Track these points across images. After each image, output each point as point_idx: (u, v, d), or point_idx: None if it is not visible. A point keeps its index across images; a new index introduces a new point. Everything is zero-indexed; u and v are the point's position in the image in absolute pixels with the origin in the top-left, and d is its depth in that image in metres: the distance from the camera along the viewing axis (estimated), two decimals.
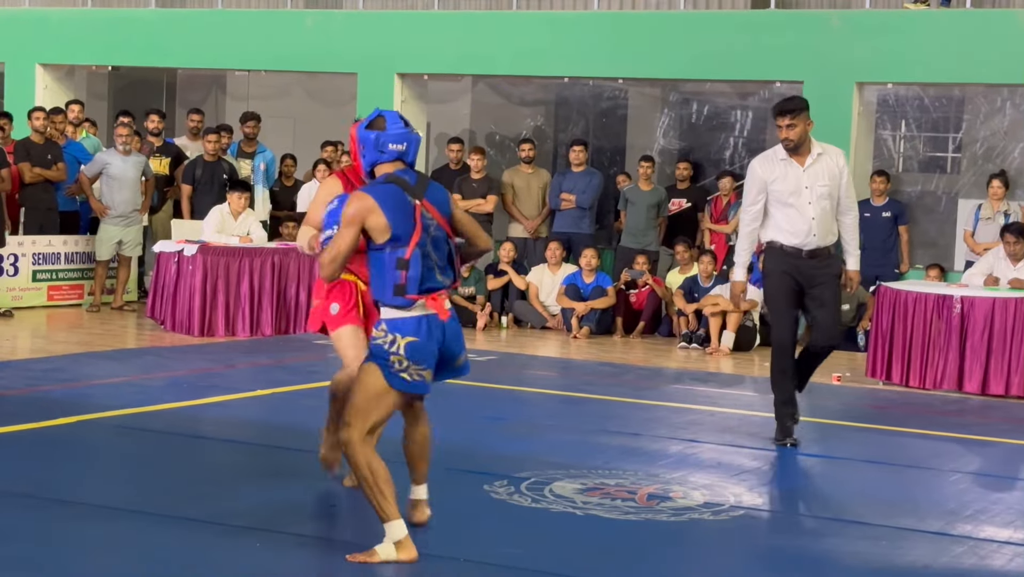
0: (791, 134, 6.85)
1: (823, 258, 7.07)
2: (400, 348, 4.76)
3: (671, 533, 5.39)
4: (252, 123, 13.20)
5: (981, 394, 9.44)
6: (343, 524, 5.36)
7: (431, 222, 4.83)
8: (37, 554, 4.76)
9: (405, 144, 4.92)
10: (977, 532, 5.61)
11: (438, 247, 4.86)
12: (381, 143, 4.90)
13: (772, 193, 7.00)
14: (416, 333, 4.77)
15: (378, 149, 4.90)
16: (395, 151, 4.91)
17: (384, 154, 4.91)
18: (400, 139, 4.91)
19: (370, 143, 4.91)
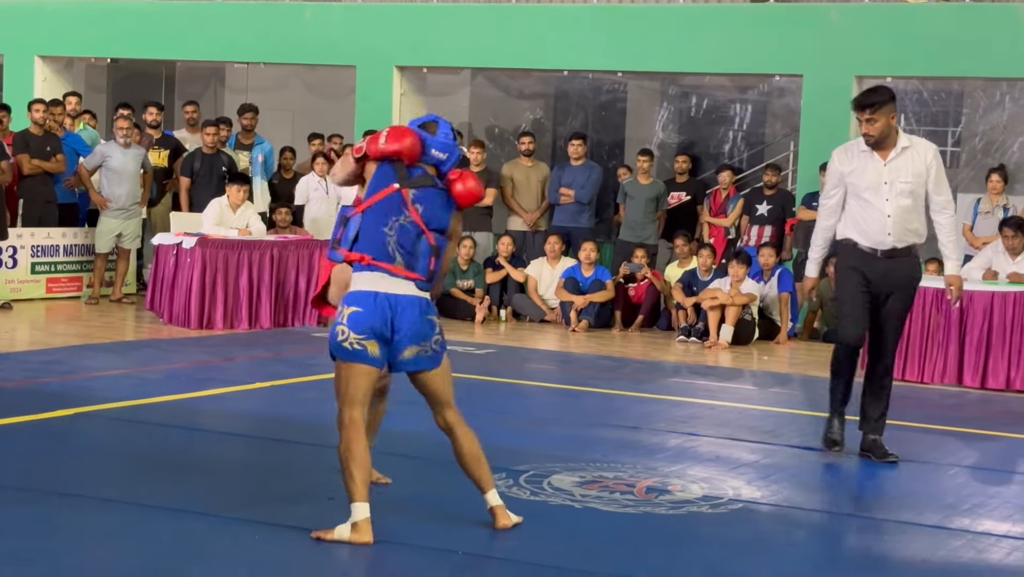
0: (871, 129, 6.36)
1: (901, 260, 6.55)
2: (344, 318, 4.88)
3: (669, 526, 5.39)
4: (250, 115, 13.20)
5: (980, 388, 9.47)
6: (341, 516, 5.33)
7: (403, 211, 4.93)
8: (34, 547, 4.75)
9: (447, 155, 5.03)
10: (975, 526, 5.61)
11: (404, 234, 4.93)
12: (426, 147, 5.00)
13: (849, 187, 6.55)
14: (360, 304, 4.88)
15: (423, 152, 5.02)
16: (436, 158, 5.02)
17: (425, 156, 5.01)
18: (445, 148, 5.03)
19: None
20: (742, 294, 11.34)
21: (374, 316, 4.88)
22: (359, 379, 4.93)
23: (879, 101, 6.36)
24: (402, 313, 4.91)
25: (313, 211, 12.84)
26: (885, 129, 6.38)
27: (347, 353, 4.89)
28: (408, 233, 4.95)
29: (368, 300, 4.89)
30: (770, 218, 12.47)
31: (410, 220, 4.94)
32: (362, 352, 4.89)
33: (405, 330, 4.92)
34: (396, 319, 4.91)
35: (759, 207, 12.54)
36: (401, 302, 4.91)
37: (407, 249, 4.94)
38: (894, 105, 6.44)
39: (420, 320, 4.95)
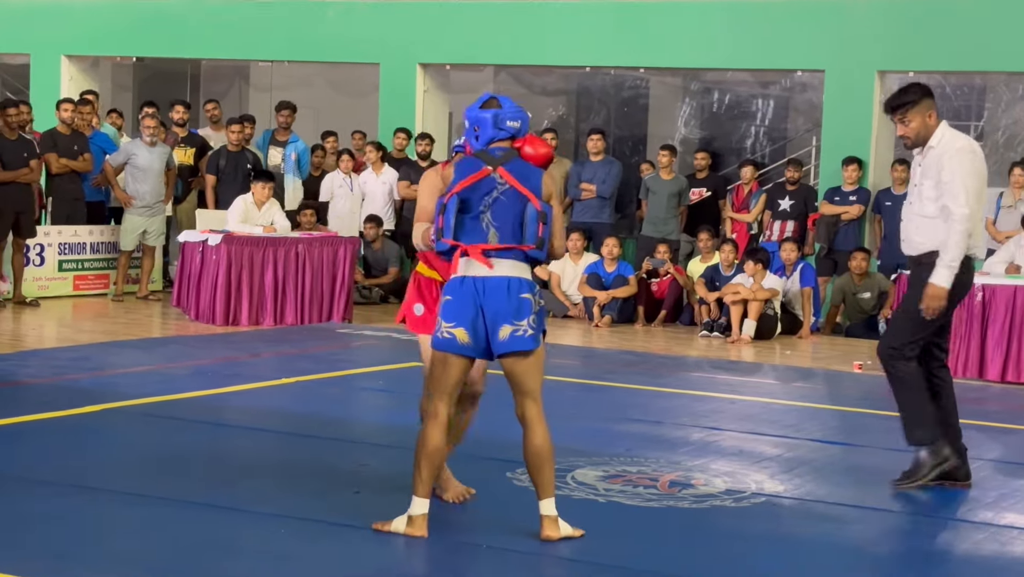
0: (906, 131, 5.93)
1: (915, 268, 6.08)
2: (440, 307, 4.94)
3: (693, 520, 5.41)
4: (287, 112, 13.25)
5: (1002, 381, 9.46)
6: (367, 511, 5.37)
7: (500, 185, 4.91)
8: (64, 541, 4.80)
9: (520, 121, 5.04)
10: (998, 519, 5.63)
11: (501, 209, 4.90)
12: (500, 120, 5.00)
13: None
14: (450, 292, 4.91)
15: (497, 127, 5.00)
16: (512, 128, 5.01)
17: (502, 131, 5.00)
18: (516, 116, 5.03)
19: (488, 122, 5.00)
20: (764, 289, 11.35)
21: (463, 301, 4.87)
22: (448, 368, 4.93)
23: (909, 101, 5.93)
24: (490, 293, 4.86)
25: (338, 208, 12.92)
26: (921, 129, 5.92)
27: (439, 342, 4.92)
28: (505, 208, 4.90)
29: (455, 286, 4.90)
30: (792, 213, 12.47)
31: (505, 188, 4.91)
32: (451, 340, 4.88)
33: (493, 310, 4.85)
34: (484, 301, 4.86)
35: (781, 202, 12.55)
36: (489, 283, 4.86)
37: (506, 222, 4.89)
38: (930, 101, 5.97)
39: (508, 298, 4.87)
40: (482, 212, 4.91)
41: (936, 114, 5.99)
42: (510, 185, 4.91)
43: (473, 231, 4.91)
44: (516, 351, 4.89)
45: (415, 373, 8.11)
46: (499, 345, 4.89)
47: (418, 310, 5.50)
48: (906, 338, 6.08)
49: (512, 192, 4.91)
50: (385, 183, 13.11)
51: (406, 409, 7.66)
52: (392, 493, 5.64)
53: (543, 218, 4.89)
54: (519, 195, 4.91)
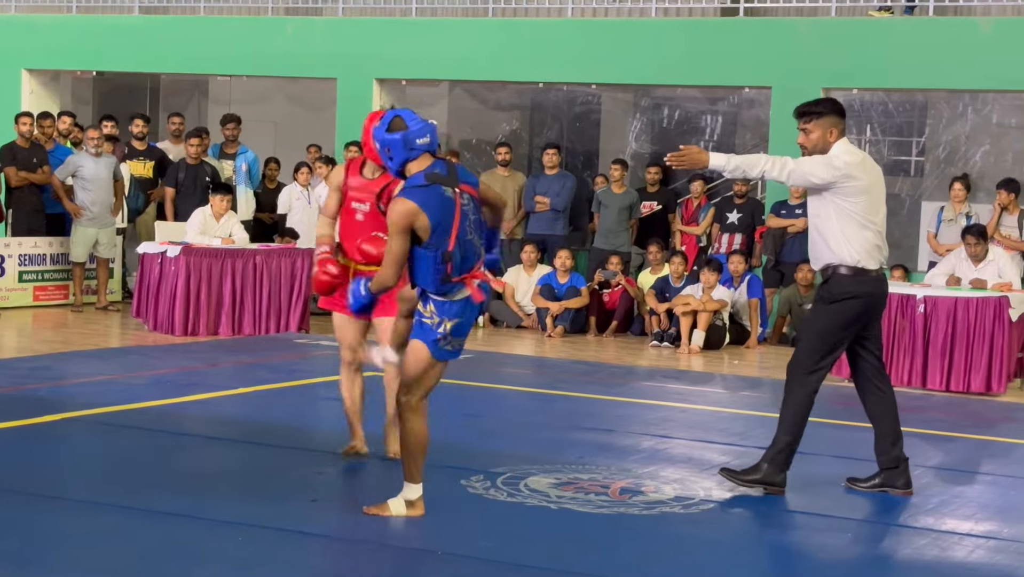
0: (805, 141, 5.91)
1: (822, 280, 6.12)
2: (447, 328, 5.24)
3: (643, 526, 5.47)
4: (232, 125, 13.38)
5: (943, 391, 9.60)
6: (323, 518, 5.42)
7: (469, 206, 5.22)
8: (21, 549, 4.80)
9: (428, 136, 5.17)
10: (939, 525, 5.71)
11: (478, 227, 5.29)
12: (409, 141, 5.15)
13: None
14: (460, 315, 5.27)
15: (408, 148, 5.15)
16: (423, 145, 5.16)
17: (414, 151, 5.17)
18: (423, 132, 5.17)
19: (398, 144, 5.15)
20: (713, 300, 11.53)
21: (468, 322, 5.34)
22: (438, 373, 5.36)
23: (816, 112, 5.92)
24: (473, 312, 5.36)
25: (295, 220, 13.02)
26: (819, 142, 5.89)
27: (447, 354, 5.31)
28: (478, 224, 5.30)
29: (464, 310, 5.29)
30: (740, 226, 12.65)
31: (472, 206, 5.25)
32: (458, 351, 5.36)
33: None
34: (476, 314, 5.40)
35: (729, 215, 12.73)
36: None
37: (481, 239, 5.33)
38: (837, 119, 5.94)
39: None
40: (471, 238, 5.24)
41: (839, 132, 5.94)
42: (472, 199, 5.25)
43: (470, 255, 5.26)
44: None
45: (372, 382, 8.24)
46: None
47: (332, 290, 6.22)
48: (817, 357, 6.09)
49: (475, 207, 5.28)
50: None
51: (363, 417, 7.80)
52: (348, 500, 5.77)
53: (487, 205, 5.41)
54: (477, 204, 5.31)
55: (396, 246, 5.12)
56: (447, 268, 5.15)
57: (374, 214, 6.23)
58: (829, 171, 5.89)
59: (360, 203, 6.31)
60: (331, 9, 14.68)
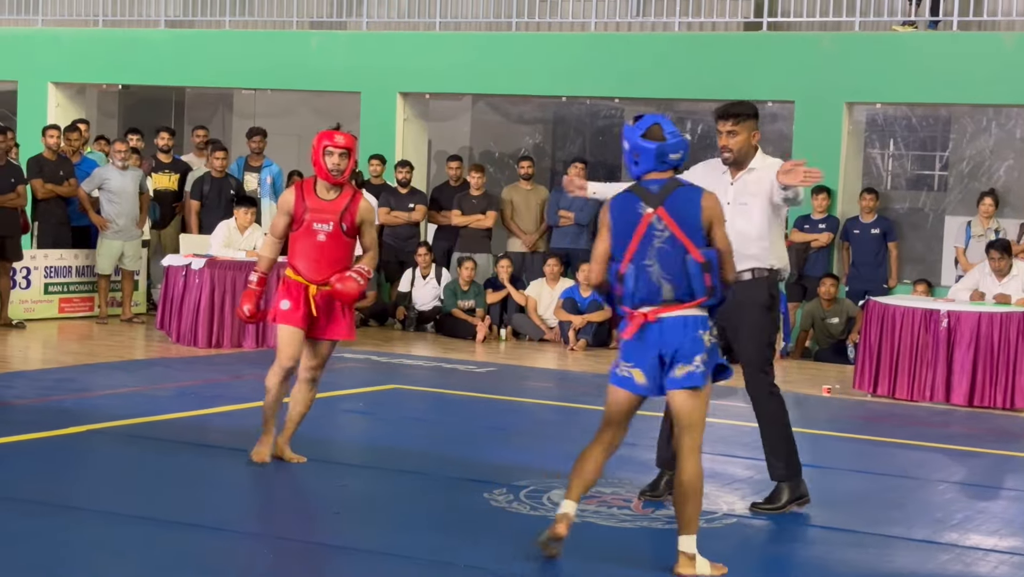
0: (731, 143, 5.82)
1: (742, 285, 5.85)
2: (620, 343, 5.03)
3: (665, 540, 5.43)
4: (258, 138, 13.47)
5: (967, 406, 9.57)
6: (347, 530, 5.45)
7: (660, 233, 4.85)
8: (45, 560, 4.84)
9: (681, 153, 4.94)
10: (963, 540, 5.70)
11: (665, 259, 4.85)
12: (663, 154, 4.91)
13: None
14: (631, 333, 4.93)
15: (660, 160, 4.92)
16: (674, 160, 4.94)
17: (664, 164, 4.93)
18: (678, 147, 4.92)
19: (651, 154, 4.90)
20: None
21: (642, 345, 4.90)
22: (618, 402, 5.05)
23: (744, 113, 5.86)
24: (667, 333, 4.86)
25: None
26: (744, 146, 5.86)
27: (614, 377, 5.01)
28: (669, 256, 4.84)
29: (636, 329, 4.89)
30: None
31: (666, 235, 4.83)
32: (628, 380, 4.96)
33: (672, 349, 4.87)
34: (663, 341, 4.86)
35: None
36: (666, 323, 4.85)
37: (672, 276, 4.84)
38: (756, 123, 5.92)
39: (684, 336, 4.87)
40: (648, 266, 4.85)
41: (759, 137, 5.94)
42: (670, 232, 4.83)
43: (646, 287, 4.85)
44: (686, 387, 4.91)
45: (395, 395, 8.29)
46: (671, 382, 4.93)
47: (285, 305, 6.36)
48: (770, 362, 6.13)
49: (673, 238, 4.83)
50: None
51: (386, 430, 7.84)
52: (371, 512, 5.78)
53: (707, 268, 4.84)
54: (676, 242, 4.83)
55: (601, 244, 4.95)
56: (618, 289, 4.89)
57: (336, 234, 6.33)
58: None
59: (322, 223, 6.35)
60: (355, 23, 14.77)
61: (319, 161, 6.30)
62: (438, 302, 12.87)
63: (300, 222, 6.34)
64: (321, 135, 6.36)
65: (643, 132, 4.93)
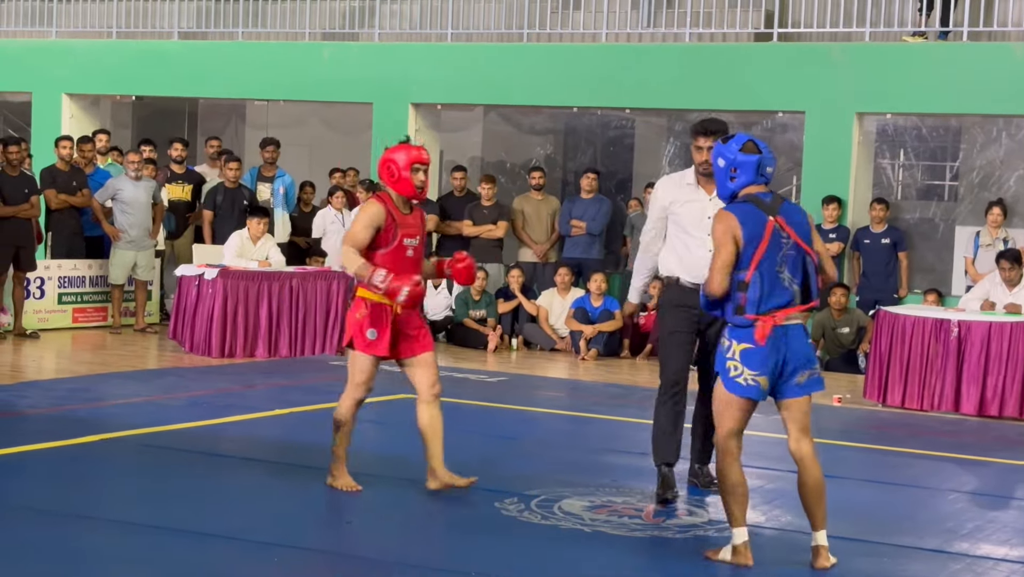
0: (708, 157, 5.97)
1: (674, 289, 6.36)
2: (736, 354, 5.09)
3: (677, 549, 5.51)
4: (271, 148, 13.53)
5: (977, 415, 9.57)
6: (360, 539, 5.47)
7: (786, 241, 5.10)
8: (58, 569, 4.86)
9: (772, 167, 5.24)
10: (974, 550, 5.72)
11: (793, 265, 5.13)
12: (762, 167, 5.17)
13: (672, 219, 6.30)
14: (751, 340, 5.07)
15: (758, 173, 5.16)
16: (770, 174, 5.21)
17: (762, 177, 5.18)
18: (772, 162, 5.22)
19: (751, 167, 5.14)
20: None
21: (766, 352, 5.08)
22: (746, 412, 5.23)
23: (721, 130, 6.05)
24: (792, 340, 5.11)
25: (330, 244, 13.15)
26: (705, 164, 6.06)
27: (739, 388, 5.13)
28: (795, 262, 5.13)
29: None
30: None
31: (790, 242, 5.11)
32: (755, 388, 5.14)
33: (796, 356, 5.13)
34: (787, 347, 5.11)
35: None
36: (791, 330, 5.11)
37: (798, 280, 5.14)
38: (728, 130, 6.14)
39: (805, 344, 5.19)
40: (779, 272, 5.10)
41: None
42: (792, 240, 5.11)
43: (778, 292, 5.09)
44: (810, 393, 5.22)
45: (405, 405, 8.30)
46: (796, 389, 5.18)
47: (372, 335, 6.05)
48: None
49: (796, 245, 5.13)
50: None
51: (397, 440, 7.87)
52: (383, 522, 5.81)
53: (819, 270, 5.21)
54: (799, 247, 5.14)
55: (722, 256, 5.07)
56: (742, 299, 5.07)
57: (420, 249, 6.23)
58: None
59: (411, 239, 6.18)
60: (367, 34, 14.84)
61: (404, 177, 6.10)
62: (449, 312, 12.91)
63: (391, 237, 6.12)
64: (406, 151, 6.15)
65: (741, 147, 5.18)
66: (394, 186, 6.14)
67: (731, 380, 5.12)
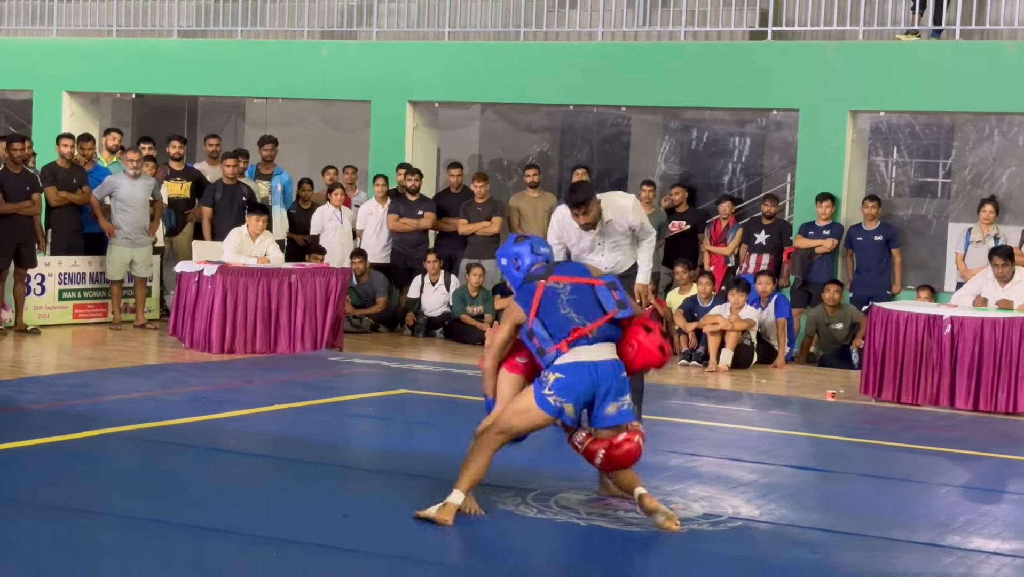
0: (588, 220, 6.87)
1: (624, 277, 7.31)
2: (549, 381, 5.68)
3: (671, 543, 5.50)
4: (269, 146, 13.60)
5: (970, 410, 9.61)
6: (357, 534, 5.48)
7: (559, 288, 5.75)
8: (58, 563, 4.89)
9: (545, 247, 6.12)
10: (966, 543, 5.73)
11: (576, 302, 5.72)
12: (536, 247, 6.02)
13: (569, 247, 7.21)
14: (563, 371, 5.67)
15: (534, 252, 5.99)
16: (546, 253, 6.07)
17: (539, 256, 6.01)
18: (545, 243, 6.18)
19: (526, 250, 6.00)
20: (741, 320, 11.61)
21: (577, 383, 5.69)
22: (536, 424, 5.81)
23: (590, 197, 6.87)
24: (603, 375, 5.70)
25: (327, 240, 13.22)
26: (596, 214, 6.89)
27: (550, 408, 5.70)
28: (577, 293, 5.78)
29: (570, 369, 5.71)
30: (768, 247, 12.72)
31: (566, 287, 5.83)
32: (560, 410, 5.70)
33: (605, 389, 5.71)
34: (599, 381, 5.71)
35: (758, 236, 12.79)
36: (601, 366, 5.71)
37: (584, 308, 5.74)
38: (594, 193, 6.99)
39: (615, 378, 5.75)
40: (564, 312, 5.70)
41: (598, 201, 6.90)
42: (569, 283, 5.77)
43: (563, 327, 5.69)
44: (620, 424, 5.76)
45: (403, 400, 8.39)
46: (606, 419, 5.71)
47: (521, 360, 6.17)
48: None
49: (575, 287, 5.77)
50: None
51: (395, 435, 7.93)
52: (380, 516, 5.84)
53: (612, 287, 5.77)
54: (582, 287, 5.77)
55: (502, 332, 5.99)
56: (535, 344, 5.77)
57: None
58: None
59: None
60: (365, 33, 14.89)
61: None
62: (447, 308, 12.98)
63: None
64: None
65: (514, 241, 6.06)
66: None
67: (543, 397, 5.68)
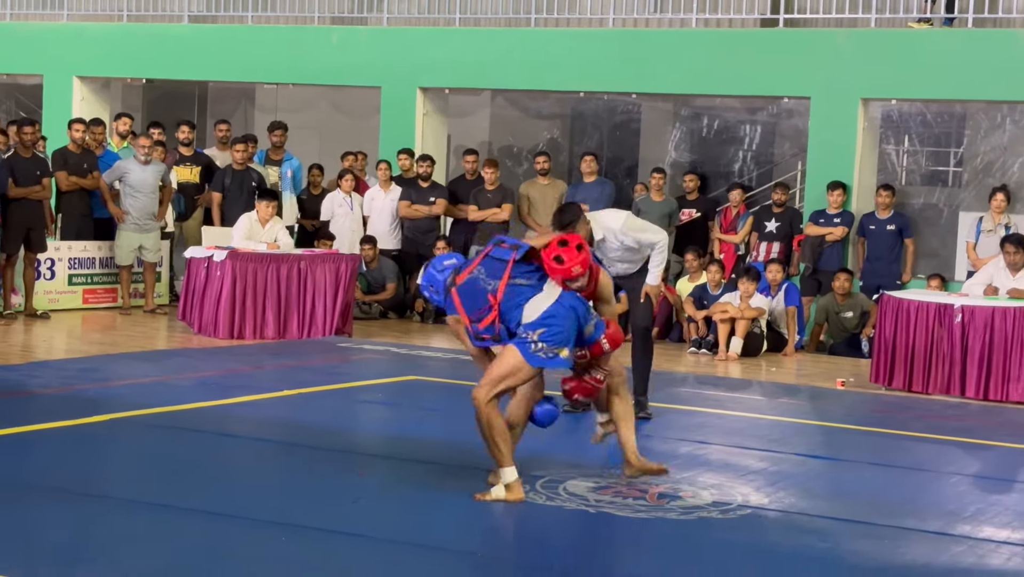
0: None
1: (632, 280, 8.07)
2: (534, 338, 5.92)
3: (680, 531, 5.50)
4: (279, 132, 13.60)
5: (980, 399, 9.58)
6: (366, 518, 5.50)
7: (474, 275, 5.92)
8: (68, 547, 4.90)
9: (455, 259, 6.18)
10: (976, 532, 5.71)
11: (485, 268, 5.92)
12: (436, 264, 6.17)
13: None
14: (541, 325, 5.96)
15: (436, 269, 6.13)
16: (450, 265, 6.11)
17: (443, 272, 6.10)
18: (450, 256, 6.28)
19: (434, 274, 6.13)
20: (751, 308, 11.60)
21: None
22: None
23: (575, 219, 6.91)
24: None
25: (337, 226, 13.22)
26: (587, 235, 7.02)
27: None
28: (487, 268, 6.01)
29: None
30: (778, 235, 12.70)
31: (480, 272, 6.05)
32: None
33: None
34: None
35: (768, 224, 12.76)
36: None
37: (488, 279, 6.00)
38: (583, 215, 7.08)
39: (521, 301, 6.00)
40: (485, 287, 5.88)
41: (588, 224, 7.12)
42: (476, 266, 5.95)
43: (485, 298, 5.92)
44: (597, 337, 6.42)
45: (412, 386, 8.40)
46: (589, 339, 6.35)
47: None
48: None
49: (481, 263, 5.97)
50: (393, 201, 13.42)
51: (404, 421, 7.95)
52: (389, 502, 5.87)
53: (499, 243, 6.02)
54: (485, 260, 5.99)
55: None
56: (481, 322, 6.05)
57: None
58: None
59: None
60: (375, 19, 14.88)
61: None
62: None
63: None
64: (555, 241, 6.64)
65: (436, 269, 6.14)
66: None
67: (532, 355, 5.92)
